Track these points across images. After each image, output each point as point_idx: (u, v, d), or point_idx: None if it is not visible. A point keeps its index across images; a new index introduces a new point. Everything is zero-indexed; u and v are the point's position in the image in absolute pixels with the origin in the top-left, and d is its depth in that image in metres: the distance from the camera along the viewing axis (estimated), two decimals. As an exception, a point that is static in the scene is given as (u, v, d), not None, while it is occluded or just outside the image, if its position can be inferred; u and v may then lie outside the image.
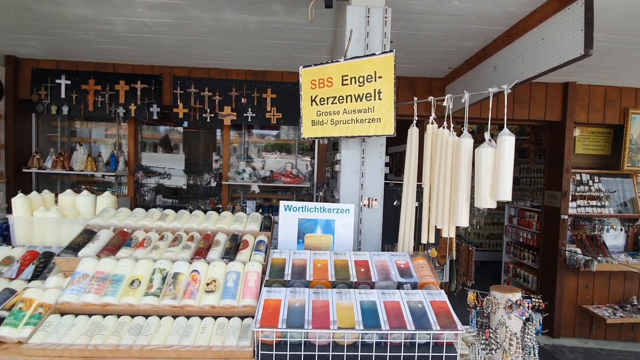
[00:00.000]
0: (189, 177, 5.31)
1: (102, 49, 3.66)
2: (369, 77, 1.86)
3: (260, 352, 1.23)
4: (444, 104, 1.70)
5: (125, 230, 1.71)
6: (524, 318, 1.47)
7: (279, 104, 4.38)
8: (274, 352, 1.23)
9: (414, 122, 1.91)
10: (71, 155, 4.38)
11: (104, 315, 1.32)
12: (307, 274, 1.51)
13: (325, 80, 1.98)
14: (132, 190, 4.57)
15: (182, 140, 6.05)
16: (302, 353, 1.24)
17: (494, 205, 1.51)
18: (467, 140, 1.56)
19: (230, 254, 1.61)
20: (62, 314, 1.31)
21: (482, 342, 1.62)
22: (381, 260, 1.65)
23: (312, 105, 2.05)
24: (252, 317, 1.38)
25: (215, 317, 1.36)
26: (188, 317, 1.35)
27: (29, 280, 1.55)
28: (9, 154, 4.03)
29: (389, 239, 2.51)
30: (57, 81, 4.08)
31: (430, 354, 1.29)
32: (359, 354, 1.26)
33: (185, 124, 5.80)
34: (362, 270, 1.56)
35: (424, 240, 1.82)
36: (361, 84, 1.88)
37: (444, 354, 1.30)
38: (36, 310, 1.31)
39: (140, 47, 3.59)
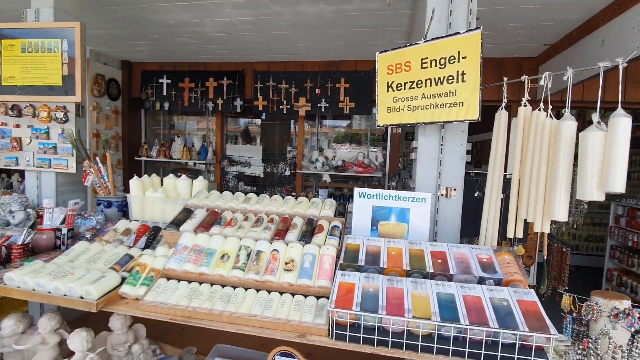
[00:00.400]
0: (266, 166, 5.65)
1: (195, 49, 4.08)
2: (452, 58, 1.75)
3: (334, 330, 1.28)
4: (541, 82, 1.52)
5: (216, 210, 1.91)
6: (633, 330, 1.26)
7: (351, 93, 4.38)
8: (347, 333, 1.27)
9: (502, 105, 1.74)
10: (171, 145, 5.01)
11: (200, 283, 1.50)
12: (381, 260, 1.50)
13: (402, 65, 1.92)
14: (219, 177, 5.05)
15: (259, 132, 6.45)
16: (376, 337, 1.25)
17: (601, 198, 1.31)
18: (569, 124, 1.38)
19: (306, 236, 1.68)
20: (168, 279, 1.53)
21: (579, 352, 1.44)
22: (460, 253, 1.56)
23: (388, 91, 2.01)
24: (327, 297, 1.44)
25: (292, 295, 1.45)
26: (269, 291, 1.46)
27: (143, 249, 1.83)
28: (125, 145, 4.78)
29: (468, 232, 2.35)
30: (160, 81, 4.68)
31: (517, 356, 1.19)
32: (435, 345, 1.23)
33: (264, 116, 6.17)
34: (439, 261, 1.50)
35: (510, 234, 1.67)
36: (442, 66, 1.78)
37: (533, 358, 1.19)
38: (149, 273, 1.56)
39: (227, 46, 3.90)
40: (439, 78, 1.83)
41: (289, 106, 4.49)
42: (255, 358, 2.03)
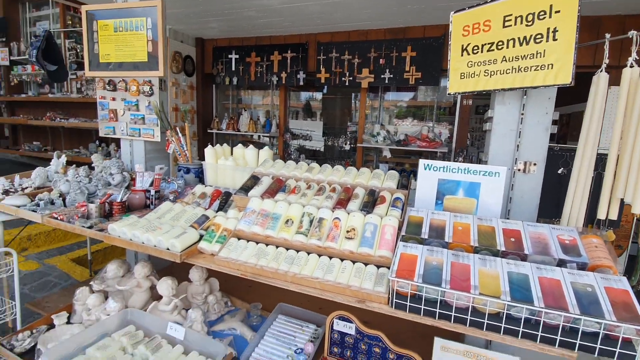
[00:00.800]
0: (327, 139, 5.68)
1: (261, 23, 4.15)
2: (542, 13, 1.53)
3: (394, 300, 1.28)
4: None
5: (281, 178, 2.00)
6: None
7: (418, 62, 4.12)
8: (408, 303, 1.26)
9: (603, 66, 1.49)
10: (238, 119, 5.28)
11: (267, 244, 1.61)
12: (447, 235, 1.45)
13: (481, 25, 1.73)
14: (282, 149, 5.23)
15: (320, 107, 6.46)
16: (438, 310, 1.23)
17: None
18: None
19: (368, 207, 1.68)
20: (239, 238, 1.67)
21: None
22: (537, 233, 1.43)
23: (462, 55, 1.84)
24: (387, 267, 1.44)
25: (353, 262, 1.48)
26: (330, 257, 1.51)
27: (217, 211, 2.00)
28: (199, 118, 5.16)
29: (546, 213, 2.14)
30: (229, 56, 4.89)
31: (599, 346, 1.08)
32: (503, 325, 1.17)
33: (325, 90, 6.15)
34: (512, 240, 1.40)
35: (601, 215, 1.48)
36: (529, 23, 1.57)
37: (618, 350, 1.07)
38: (222, 233, 1.70)
39: (291, 17, 3.90)
40: (525, 37, 1.63)
41: (351, 78, 4.40)
42: (314, 319, 2.15)
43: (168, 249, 1.62)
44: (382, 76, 4.26)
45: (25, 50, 6.43)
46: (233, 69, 4.93)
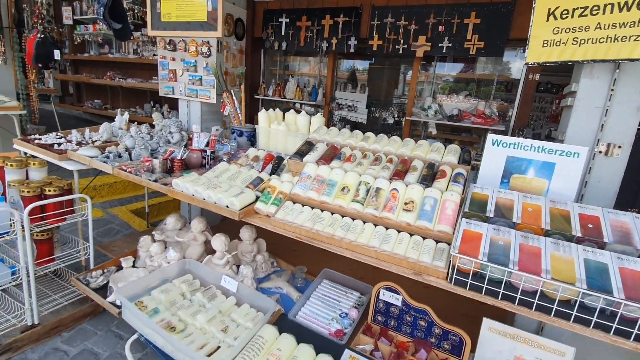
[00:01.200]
0: (372, 111, 5.51)
1: (315, -16, 3.98)
2: (658, -30, 1.31)
3: (454, 276, 1.25)
4: None
5: (335, 145, 1.97)
6: None
7: (482, 30, 3.78)
8: (469, 281, 1.23)
9: None
10: (285, 86, 5.25)
11: (321, 210, 1.62)
12: (514, 215, 1.37)
13: (576, -16, 1.52)
14: (327, 119, 5.17)
15: (366, 77, 6.24)
16: (501, 291, 1.19)
17: None
18: None
19: (427, 180, 1.62)
20: (294, 202, 1.69)
21: None
22: (619, 221, 1.31)
23: (547, 20, 1.65)
24: (446, 242, 1.40)
25: (410, 235, 1.46)
26: (386, 228, 1.50)
27: (270, 174, 2.04)
28: (247, 83, 5.19)
29: (624, 202, 1.95)
30: (280, 20, 4.79)
31: (686, 346, 0.99)
32: (574, 313, 1.11)
33: (373, 60, 5.90)
34: (590, 226, 1.29)
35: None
36: (641, -18, 1.35)
37: None
38: (277, 195, 1.74)
39: (348, -23, 3.69)
40: (626, 2, 1.42)
41: (405, 46, 4.15)
42: (358, 287, 2.19)
43: (227, 206, 1.69)
44: (440, 45, 3.98)
45: (87, 10, 6.72)
46: (283, 33, 4.84)
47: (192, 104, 2.79)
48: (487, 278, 1.20)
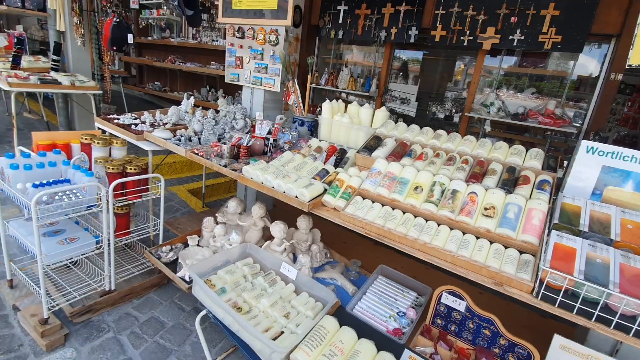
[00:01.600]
0: (427, 104, 5.31)
1: (380, -30, 3.84)
2: None
3: (542, 291, 1.18)
4: None
5: (405, 142, 1.92)
6: None
7: (560, 23, 3.46)
8: (559, 298, 1.15)
9: None
10: (337, 75, 5.20)
11: (392, 208, 1.59)
12: (612, 232, 1.25)
13: None
14: (378, 111, 5.06)
15: (418, 68, 6.00)
16: (597, 312, 1.10)
17: None
18: None
19: (507, 185, 1.53)
20: (363, 198, 1.68)
21: None
22: None
23: (667, 16, 1.46)
24: (531, 254, 1.32)
25: (490, 242, 1.39)
26: (463, 232, 1.44)
27: (334, 166, 2.04)
28: (300, 71, 5.20)
29: None
30: (338, 7, 4.71)
31: None
32: (687, 346, 1.00)
33: (427, 51, 5.64)
34: None
35: None
36: None
37: None
38: (346, 189, 1.73)
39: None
40: None
41: (471, 37, 3.92)
42: (416, 287, 2.15)
43: (296, 196, 1.71)
44: (511, 37, 3.71)
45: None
46: (340, 21, 4.76)
47: (255, 92, 2.85)
48: (581, 297, 1.12)
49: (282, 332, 1.62)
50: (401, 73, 5.83)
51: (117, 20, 3.90)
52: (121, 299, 2.24)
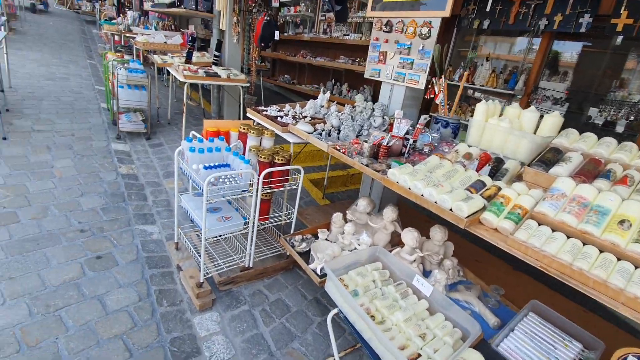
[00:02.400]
0: (574, 107, 4.34)
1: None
2: None
3: None
4: None
5: (597, 158, 1.53)
6: None
7: None
8: None
9: None
10: (475, 70, 4.67)
11: (583, 243, 1.28)
12: None
13: None
14: (523, 112, 4.37)
15: (573, 63, 4.91)
16: None
17: None
18: None
19: None
20: (539, 224, 1.40)
21: None
22: None
23: None
24: None
25: None
26: (702, 293, 1.05)
27: (492, 178, 1.77)
28: (432, 66, 4.85)
29: None
30: (488, -6, 4.18)
31: None
32: None
33: (587, 43, 4.56)
34: None
35: None
36: None
37: None
38: (514, 209, 1.47)
39: None
40: None
41: (679, 24, 2.98)
42: (581, 337, 1.74)
43: (451, 209, 1.53)
44: None
45: (291, -6, 7.54)
46: (488, 9, 4.21)
47: (395, 88, 2.72)
48: None
49: (419, 355, 1.49)
50: (550, 68, 4.90)
51: (268, 18, 4.26)
52: (256, 276, 2.45)
